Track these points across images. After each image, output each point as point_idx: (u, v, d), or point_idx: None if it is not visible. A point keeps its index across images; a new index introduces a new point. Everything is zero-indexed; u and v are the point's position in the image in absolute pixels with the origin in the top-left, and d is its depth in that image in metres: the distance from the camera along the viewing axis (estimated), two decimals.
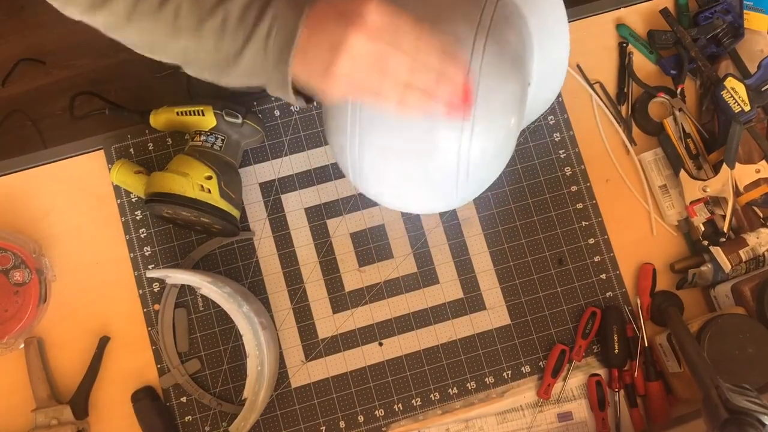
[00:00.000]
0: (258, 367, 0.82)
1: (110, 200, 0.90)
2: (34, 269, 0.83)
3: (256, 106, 0.93)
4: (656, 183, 0.92)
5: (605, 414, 0.86)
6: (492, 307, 0.89)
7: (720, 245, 0.86)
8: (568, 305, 0.90)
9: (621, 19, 0.97)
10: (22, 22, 1.55)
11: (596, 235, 0.91)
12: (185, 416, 0.85)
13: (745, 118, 0.87)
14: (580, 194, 0.92)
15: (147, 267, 0.88)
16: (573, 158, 0.93)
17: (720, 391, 0.69)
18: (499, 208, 0.92)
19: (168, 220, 0.86)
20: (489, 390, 0.88)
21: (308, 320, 0.88)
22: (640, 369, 0.86)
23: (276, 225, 0.90)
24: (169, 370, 0.85)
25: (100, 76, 1.52)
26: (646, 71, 0.96)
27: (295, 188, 0.91)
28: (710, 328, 0.79)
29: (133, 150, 0.91)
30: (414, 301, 0.89)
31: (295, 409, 0.86)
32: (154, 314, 0.87)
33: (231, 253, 0.89)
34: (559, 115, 0.94)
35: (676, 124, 0.92)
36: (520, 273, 0.90)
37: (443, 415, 0.87)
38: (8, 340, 0.82)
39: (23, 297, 0.82)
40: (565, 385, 0.87)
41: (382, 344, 0.88)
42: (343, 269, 0.90)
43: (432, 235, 0.91)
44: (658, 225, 0.92)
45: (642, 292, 0.89)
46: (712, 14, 0.93)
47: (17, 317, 0.82)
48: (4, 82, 1.54)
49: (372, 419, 0.87)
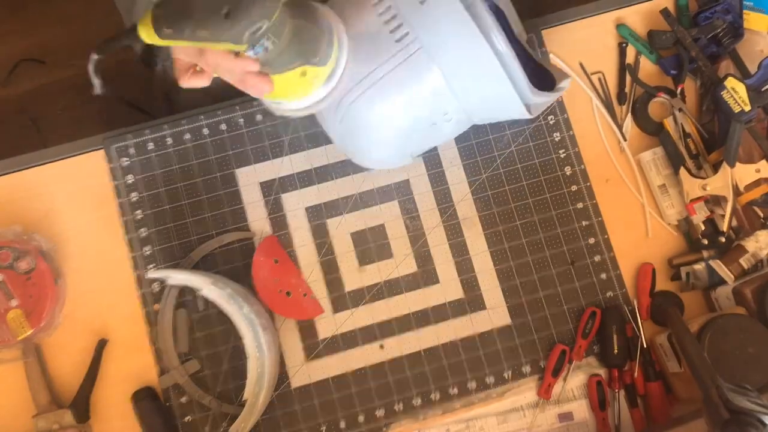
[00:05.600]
0: (258, 368, 0.82)
1: (110, 200, 0.90)
2: (35, 252, 0.84)
3: (257, 105, 0.93)
4: (655, 182, 0.92)
5: (606, 414, 0.86)
6: (492, 307, 0.89)
7: (719, 257, 0.87)
8: (568, 305, 0.90)
9: (621, 19, 0.97)
10: (22, 22, 1.54)
11: (596, 235, 0.91)
12: (185, 416, 0.85)
13: (746, 118, 0.87)
14: (580, 194, 0.92)
15: (147, 267, 0.88)
16: (573, 158, 0.93)
17: (720, 391, 0.69)
18: (499, 207, 0.92)
19: None
20: (489, 390, 0.88)
21: (308, 320, 0.88)
22: (640, 369, 0.86)
23: (276, 224, 0.90)
24: (168, 370, 0.85)
25: (100, 76, 1.52)
26: (646, 71, 0.96)
27: (295, 188, 0.91)
28: (710, 328, 0.79)
29: (133, 150, 0.91)
30: (414, 301, 0.89)
31: (295, 410, 0.86)
32: (154, 314, 0.87)
33: (231, 253, 0.89)
34: (559, 115, 0.94)
35: (676, 124, 0.92)
36: (520, 273, 0.90)
37: (444, 415, 0.87)
38: (47, 320, 0.83)
39: (38, 279, 0.84)
40: (565, 385, 0.87)
41: (383, 346, 0.88)
42: (343, 269, 0.90)
43: (432, 235, 0.91)
44: (658, 224, 0.92)
45: (641, 292, 0.89)
46: (712, 14, 0.93)
47: (42, 299, 0.83)
48: (4, 82, 1.54)
49: (372, 419, 0.86)
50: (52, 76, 1.51)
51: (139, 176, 0.91)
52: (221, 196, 0.91)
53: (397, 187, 0.92)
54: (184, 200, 0.90)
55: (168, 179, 0.91)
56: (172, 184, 0.91)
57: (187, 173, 0.91)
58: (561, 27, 0.97)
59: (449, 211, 0.91)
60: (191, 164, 0.91)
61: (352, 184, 0.92)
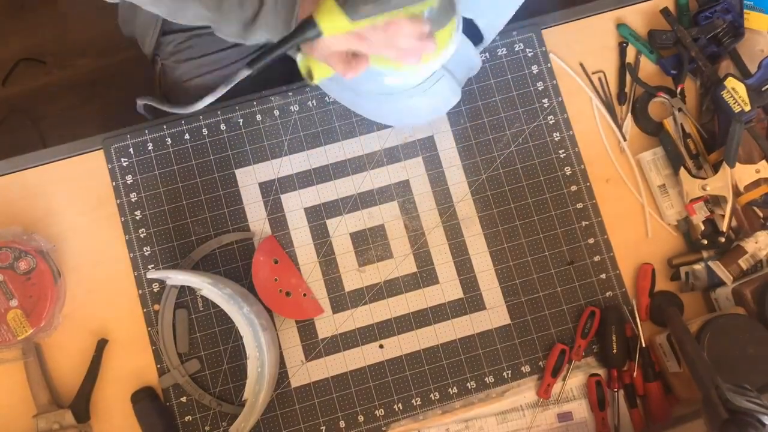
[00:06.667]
0: (258, 368, 0.82)
1: (110, 200, 0.90)
2: (35, 253, 0.84)
3: (256, 105, 0.93)
4: (655, 183, 0.92)
5: (605, 414, 0.86)
6: (492, 306, 0.89)
7: (719, 257, 0.87)
8: (568, 305, 0.90)
9: (621, 19, 0.97)
10: (22, 22, 1.54)
11: (596, 235, 0.91)
12: (185, 416, 0.85)
13: (746, 118, 0.87)
14: (580, 194, 0.92)
15: (147, 267, 0.88)
16: (573, 158, 0.93)
17: (720, 391, 0.69)
18: (499, 207, 0.92)
19: None
20: (489, 390, 0.88)
21: (308, 320, 0.88)
22: (639, 369, 0.86)
23: (276, 225, 0.90)
24: (168, 370, 0.85)
25: (100, 76, 1.52)
26: (646, 71, 0.96)
27: (294, 188, 0.91)
28: (710, 328, 0.79)
29: (133, 150, 0.91)
30: (414, 301, 0.89)
31: (295, 409, 0.86)
32: (154, 314, 0.87)
33: (230, 253, 0.89)
34: (559, 115, 0.94)
35: (676, 124, 0.92)
36: (520, 273, 0.90)
37: (443, 414, 0.87)
38: (47, 320, 0.83)
39: (38, 279, 0.84)
40: (564, 385, 0.87)
41: (383, 346, 0.88)
42: (343, 269, 0.90)
43: (432, 235, 0.91)
44: (658, 224, 0.92)
45: (641, 293, 0.89)
46: (713, 14, 0.93)
47: (41, 299, 0.83)
48: (4, 82, 1.54)
49: (372, 419, 0.87)
50: (52, 76, 1.51)
51: (139, 176, 0.91)
52: (221, 196, 0.91)
53: (397, 187, 0.92)
54: (184, 200, 0.90)
55: (167, 179, 0.91)
56: (171, 185, 0.91)
57: (187, 173, 0.91)
58: (561, 27, 0.97)
59: (449, 211, 0.91)
60: (191, 164, 0.91)
61: (352, 185, 0.92)
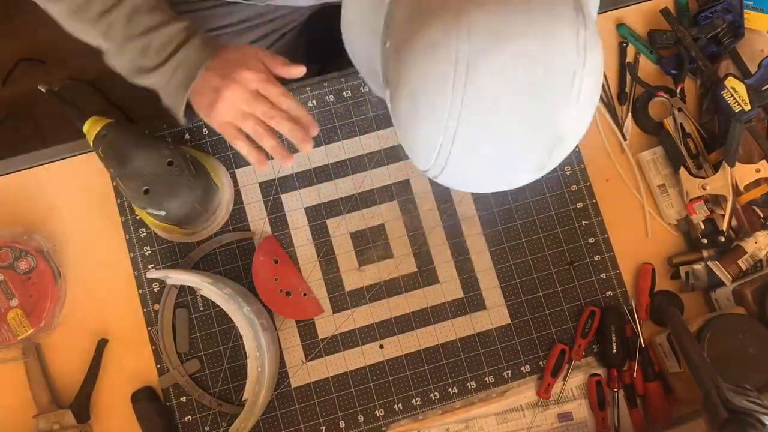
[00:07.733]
0: (258, 368, 0.82)
1: (110, 200, 0.90)
2: (35, 253, 0.84)
3: None
4: (655, 182, 0.92)
5: (605, 414, 0.86)
6: (492, 306, 0.89)
7: (718, 257, 0.86)
8: (568, 305, 0.90)
9: (621, 19, 0.97)
10: (23, 22, 1.54)
11: (596, 234, 0.91)
12: (185, 416, 0.85)
13: (746, 118, 0.87)
14: (580, 193, 0.92)
15: (147, 267, 0.88)
16: (573, 158, 0.93)
17: (720, 391, 0.69)
18: (498, 207, 0.92)
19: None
20: (489, 390, 0.88)
21: (308, 320, 0.88)
22: (639, 369, 0.86)
23: (276, 225, 0.90)
24: (168, 370, 0.85)
25: (100, 76, 1.52)
26: (646, 71, 0.96)
27: (294, 188, 0.91)
28: (710, 327, 0.79)
29: None
30: (414, 300, 0.89)
31: (295, 409, 0.86)
32: (154, 314, 0.87)
33: (231, 252, 0.89)
34: None
35: (676, 124, 0.92)
36: (520, 272, 0.90)
37: (443, 414, 0.87)
38: (47, 320, 0.84)
39: (38, 279, 0.84)
40: (565, 384, 0.87)
41: (383, 346, 0.88)
42: (343, 269, 0.90)
43: (432, 235, 0.91)
44: (658, 224, 0.92)
45: (641, 292, 0.89)
46: (713, 14, 0.93)
47: (42, 298, 0.83)
48: (4, 82, 1.53)
49: (372, 419, 0.87)
50: (52, 76, 1.51)
51: None
52: None
53: (397, 187, 0.92)
54: None
55: None
56: None
57: None
58: None
59: (449, 211, 0.91)
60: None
61: (352, 184, 0.92)
